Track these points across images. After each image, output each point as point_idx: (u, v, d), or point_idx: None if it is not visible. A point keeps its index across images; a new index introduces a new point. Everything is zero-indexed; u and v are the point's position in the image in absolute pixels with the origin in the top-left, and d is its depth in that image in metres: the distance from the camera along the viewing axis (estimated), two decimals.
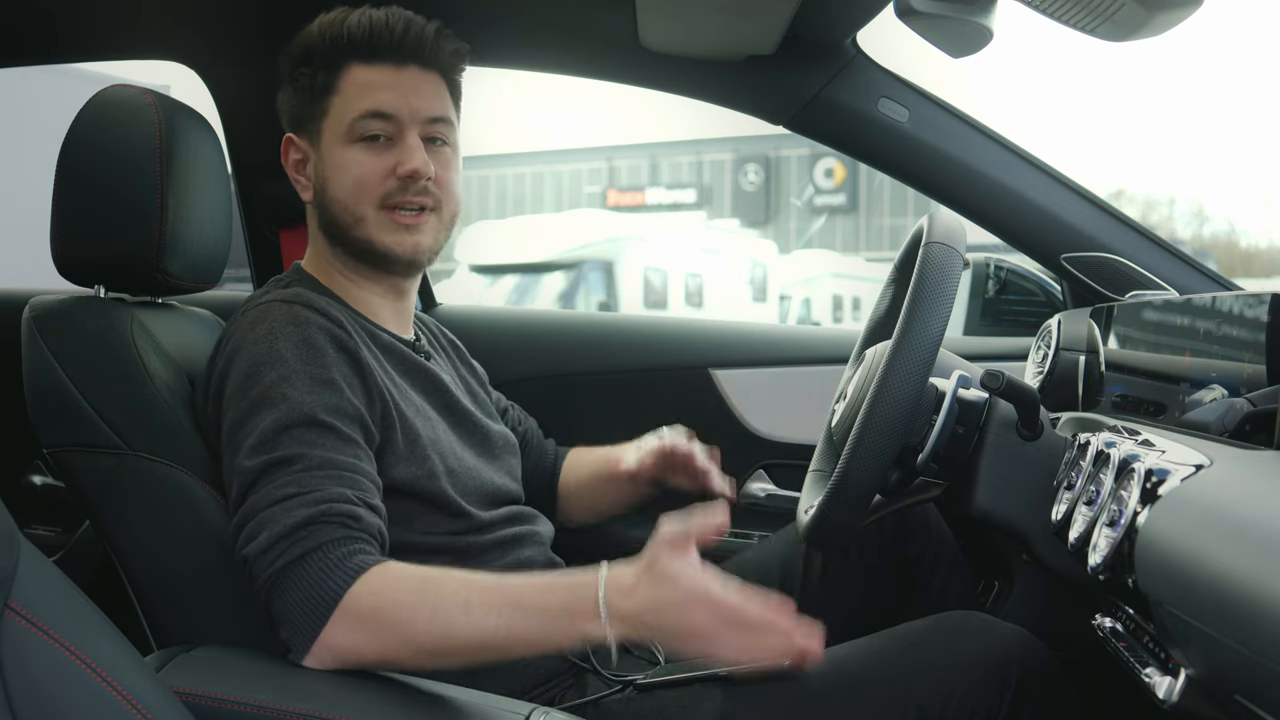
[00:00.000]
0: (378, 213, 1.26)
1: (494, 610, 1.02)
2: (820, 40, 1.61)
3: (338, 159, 1.26)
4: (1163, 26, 1.17)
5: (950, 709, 1.13)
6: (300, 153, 1.31)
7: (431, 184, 1.27)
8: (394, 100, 1.26)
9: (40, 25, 1.68)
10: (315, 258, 1.34)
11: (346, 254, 1.30)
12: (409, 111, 1.26)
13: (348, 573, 1.02)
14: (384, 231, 1.26)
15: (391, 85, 1.26)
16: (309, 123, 1.29)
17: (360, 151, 1.26)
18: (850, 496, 1.17)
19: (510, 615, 1.01)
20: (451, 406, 1.33)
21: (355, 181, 1.26)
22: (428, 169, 1.26)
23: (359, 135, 1.26)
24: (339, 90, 1.27)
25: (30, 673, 0.74)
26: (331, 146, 1.27)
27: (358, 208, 1.26)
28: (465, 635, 1.01)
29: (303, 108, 1.29)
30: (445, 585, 1.03)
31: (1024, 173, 1.66)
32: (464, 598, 1.02)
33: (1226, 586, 0.71)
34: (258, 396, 1.12)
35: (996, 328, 1.98)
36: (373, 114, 1.25)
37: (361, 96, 1.26)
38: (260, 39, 1.70)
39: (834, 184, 25.78)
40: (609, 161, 28.28)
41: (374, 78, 1.26)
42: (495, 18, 1.64)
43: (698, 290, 11.90)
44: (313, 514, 1.03)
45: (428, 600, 1.01)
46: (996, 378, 1.16)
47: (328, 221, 1.29)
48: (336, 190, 1.27)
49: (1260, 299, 0.99)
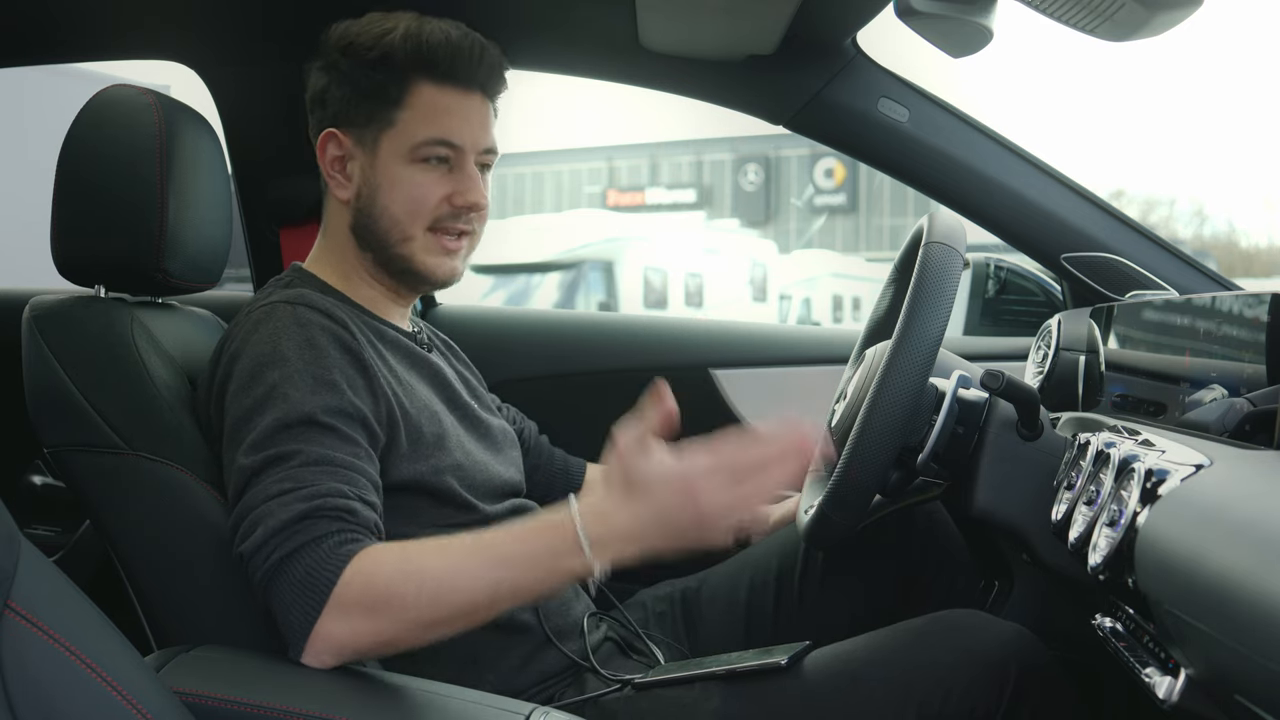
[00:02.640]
0: (426, 234, 1.27)
1: (477, 567, 1.01)
2: (820, 40, 1.61)
3: (396, 174, 1.25)
4: (1163, 26, 1.17)
5: (949, 707, 1.13)
6: (342, 150, 1.28)
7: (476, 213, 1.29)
8: (462, 130, 1.26)
9: (40, 25, 1.68)
10: (330, 256, 1.32)
11: (377, 263, 1.30)
12: (472, 141, 1.27)
13: (337, 562, 1.01)
14: (428, 253, 1.27)
15: (459, 114, 1.26)
16: (364, 126, 1.26)
17: (422, 172, 1.25)
18: (850, 496, 1.17)
19: (495, 570, 1.00)
20: (455, 399, 1.33)
21: (412, 201, 1.25)
22: (485, 203, 1.28)
23: (423, 157, 1.25)
24: (408, 105, 1.25)
25: (30, 673, 0.74)
26: (391, 160, 1.26)
27: (409, 227, 1.26)
28: (454, 599, 1.00)
29: (359, 109, 1.26)
30: (426, 554, 1.03)
31: (1024, 173, 1.66)
32: (446, 563, 1.01)
33: (1226, 586, 0.71)
34: (260, 396, 1.12)
35: (996, 328, 1.97)
36: (441, 141, 1.25)
37: (432, 120, 1.25)
38: (261, 40, 1.71)
39: (834, 184, 25.80)
40: (609, 161, 28.29)
41: (444, 102, 1.25)
42: (494, 17, 1.64)
43: (698, 290, 11.89)
44: (307, 509, 1.03)
45: (411, 572, 1.01)
46: (996, 378, 1.16)
47: (368, 229, 1.28)
48: (389, 204, 1.26)
49: (1260, 299, 0.99)
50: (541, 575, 1.01)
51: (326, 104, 1.29)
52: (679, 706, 1.17)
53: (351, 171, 1.28)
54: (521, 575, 1.01)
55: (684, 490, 0.98)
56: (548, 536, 1.01)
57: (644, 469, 0.99)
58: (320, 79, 1.29)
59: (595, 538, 0.99)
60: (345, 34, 1.27)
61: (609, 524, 1.00)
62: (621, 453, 1.00)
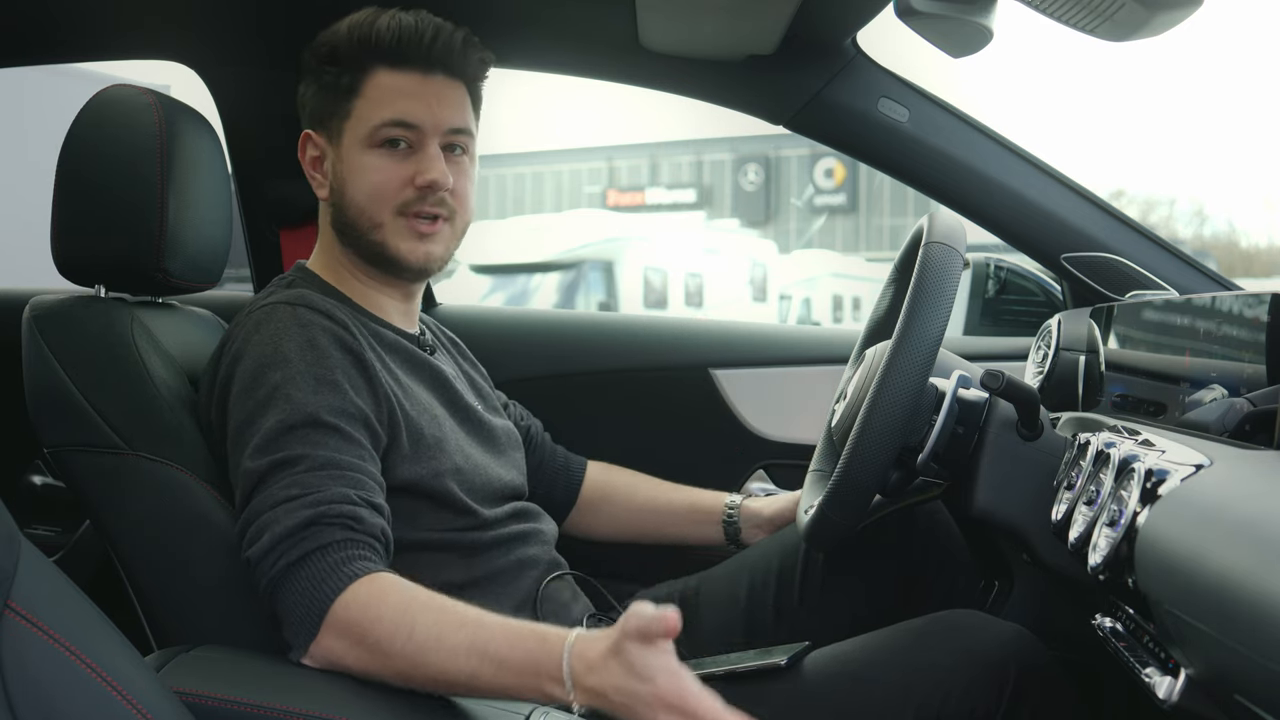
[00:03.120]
0: (395, 219, 1.27)
1: (463, 652, 0.99)
2: (820, 40, 1.61)
3: (358, 162, 1.26)
4: (1163, 26, 1.17)
5: (949, 707, 1.13)
6: (318, 150, 1.31)
7: (448, 195, 1.28)
8: (418, 110, 1.25)
9: (41, 25, 1.68)
10: (324, 255, 1.34)
11: (358, 255, 1.30)
12: (432, 122, 1.26)
13: (341, 579, 1.02)
14: (399, 238, 1.27)
15: (417, 94, 1.26)
16: (329, 121, 1.29)
17: (380, 157, 1.26)
18: (850, 496, 1.17)
19: (479, 662, 0.99)
20: (456, 402, 1.33)
21: (374, 187, 1.26)
22: (446, 181, 1.26)
23: (380, 141, 1.26)
24: (363, 93, 1.26)
25: (30, 673, 0.74)
26: (352, 149, 1.27)
27: (376, 213, 1.26)
28: (435, 669, 1.00)
29: (324, 106, 1.29)
30: (424, 615, 1.01)
31: (1024, 173, 1.65)
32: (438, 633, 1.00)
33: (1226, 586, 0.71)
34: (263, 398, 1.12)
35: (996, 328, 1.97)
36: (396, 122, 1.25)
37: (386, 103, 1.25)
38: (261, 40, 1.71)
39: (834, 184, 25.80)
40: (609, 161, 28.29)
41: (400, 84, 1.26)
42: (494, 17, 1.64)
43: (698, 290, 11.89)
44: (314, 515, 1.04)
45: (404, 624, 1.00)
46: (996, 378, 1.16)
47: (343, 222, 1.29)
48: (355, 194, 1.27)
49: (1260, 299, 0.99)
50: (519, 685, 0.99)
51: (303, 107, 1.32)
52: None
53: (327, 170, 1.30)
54: (498, 676, 0.99)
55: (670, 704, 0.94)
56: (536, 652, 0.98)
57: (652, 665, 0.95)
58: (299, 86, 1.32)
59: (579, 680, 0.96)
60: (315, 38, 1.30)
61: (596, 676, 0.96)
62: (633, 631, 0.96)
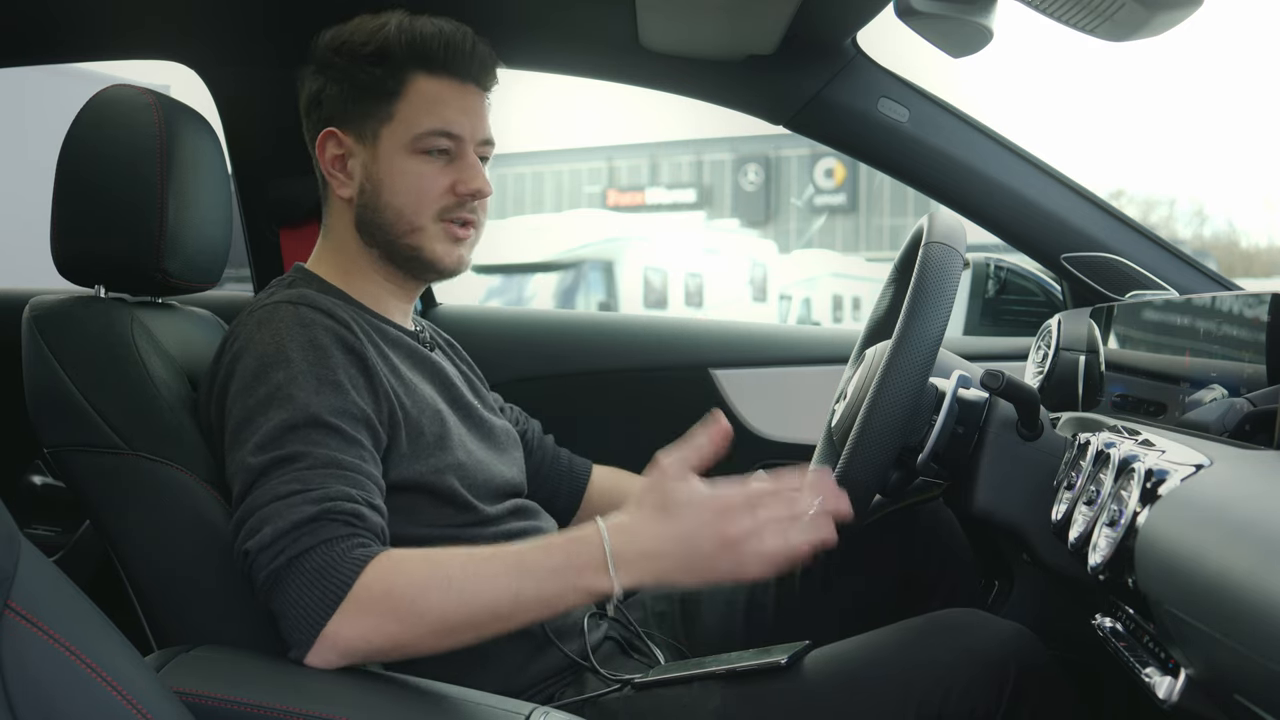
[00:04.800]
0: (434, 224, 1.28)
1: (501, 575, 1.02)
2: (820, 40, 1.61)
3: (399, 166, 1.26)
4: (1163, 26, 1.17)
5: (949, 706, 1.13)
6: (343, 149, 1.29)
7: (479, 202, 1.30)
8: (461, 120, 1.27)
9: (41, 25, 1.68)
10: (332, 255, 1.33)
11: (385, 256, 1.30)
12: (471, 131, 1.28)
13: (353, 563, 1.02)
14: (437, 241, 1.28)
15: (458, 104, 1.27)
16: (363, 122, 1.27)
17: (423, 164, 1.26)
18: (850, 496, 1.17)
19: (519, 578, 1.02)
20: (458, 399, 1.33)
21: (417, 192, 1.26)
22: (489, 189, 1.29)
23: (424, 149, 1.26)
24: (405, 97, 1.26)
25: (30, 673, 0.74)
26: (393, 153, 1.27)
27: (416, 217, 1.27)
28: (477, 604, 1.02)
29: (358, 105, 1.27)
30: (451, 559, 1.04)
31: (1024, 173, 1.66)
32: (471, 568, 1.03)
33: (1226, 586, 0.71)
34: (264, 396, 1.12)
35: (996, 328, 1.97)
36: (442, 132, 1.26)
37: (431, 111, 1.26)
38: (261, 40, 1.71)
39: (834, 184, 25.79)
40: (609, 161, 28.29)
41: (441, 93, 1.27)
42: (494, 17, 1.64)
43: (698, 290, 11.89)
44: (317, 511, 1.04)
45: (437, 574, 1.02)
46: (996, 378, 1.16)
47: (372, 223, 1.29)
48: (394, 197, 1.27)
49: (1260, 299, 0.99)
50: (563, 587, 1.02)
51: (323, 104, 1.30)
52: (679, 706, 1.17)
53: (353, 169, 1.29)
54: (543, 585, 1.02)
55: (712, 515, 1.00)
56: (573, 549, 1.03)
57: (678, 491, 1.02)
58: (315, 82, 1.30)
59: (619, 554, 1.01)
60: (338, 35, 1.29)
61: (634, 541, 1.01)
62: (663, 472, 1.02)
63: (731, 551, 1.01)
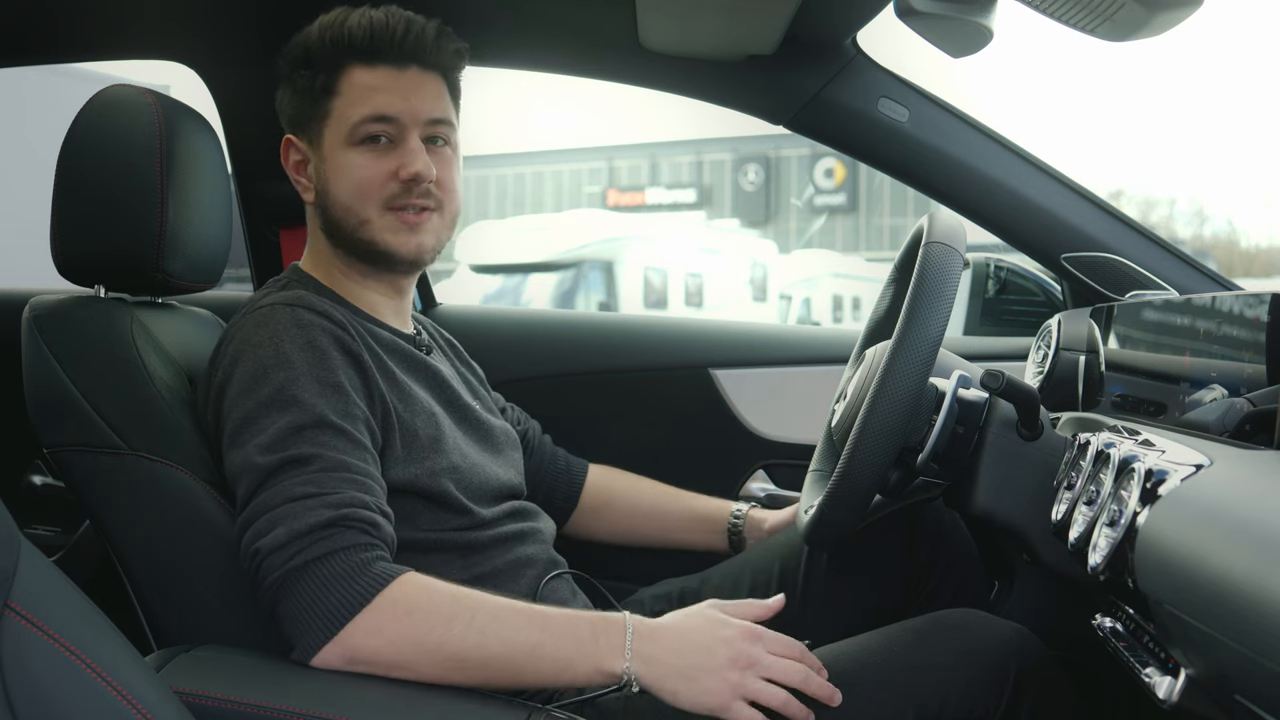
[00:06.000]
0: (382, 215, 1.27)
1: (524, 626, 1.05)
2: (820, 40, 1.61)
3: (340, 162, 1.27)
4: (1163, 26, 1.17)
5: (949, 706, 1.13)
6: (300, 154, 1.32)
7: (433, 186, 1.28)
8: (395, 103, 1.26)
9: (41, 25, 1.68)
10: (315, 257, 1.34)
11: (349, 254, 1.31)
12: (410, 114, 1.27)
13: (374, 578, 1.03)
14: (388, 232, 1.27)
15: (392, 88, 1.26)
16: (309, 124, 1.29)
17: (362, 154, 1.26)
18: (850, 496, 1.17)
19: (540, 632, 1.05)
20: (454, 401, 1.33)
21: (358, 184, 1.26)
22: (430, 172, 1.27)
23: (361, 138, 1.26)
24: (340, 92, 1.27)
25: (30, 673, 0.74)
26: (333, 149, 1.27)
27: (362, 210, 1.27)
28: (495, 647, 1.03)
29: (302, 109, 1.30)
30: (479, 599, 1.06)
31: (1024, 173, 1.65)
32: (496, 612, 1.05)
33: (1226, 586, 0.71)
34: (266, 398, 1.12)
35: (996, 328, 1.97)
36: (374, 118, 1.26)
37: (363, 100, 1.26)
38: (260, 40, 1.70)
39: (834, 184, 25.76)
40: (609, 161, 28.27)
41: (375, 80, 1.26)
42: (494, 17, 1.64)
43: (698, 290, 11.89)
44: (334, 516, 1.04)
45: (462, 609, 1.04)
46: (996, 378, 1.16)
47: (330, 223, 1.30)
48: (339, 193, 1.27)
49: (1260, 299, 0.99)
50: (579, 655, 1.06)
51: (282, 113, 1.33)
52: None
53: (311, 172, 1.31)
54: (561, 646, 1.05)
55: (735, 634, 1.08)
56: (598, 624, 1.07)
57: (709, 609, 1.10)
58: (279, 92, 1.33)
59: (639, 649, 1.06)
60: (289, 43, 1.31)
61: (655, 642, 1.07)
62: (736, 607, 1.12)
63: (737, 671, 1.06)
